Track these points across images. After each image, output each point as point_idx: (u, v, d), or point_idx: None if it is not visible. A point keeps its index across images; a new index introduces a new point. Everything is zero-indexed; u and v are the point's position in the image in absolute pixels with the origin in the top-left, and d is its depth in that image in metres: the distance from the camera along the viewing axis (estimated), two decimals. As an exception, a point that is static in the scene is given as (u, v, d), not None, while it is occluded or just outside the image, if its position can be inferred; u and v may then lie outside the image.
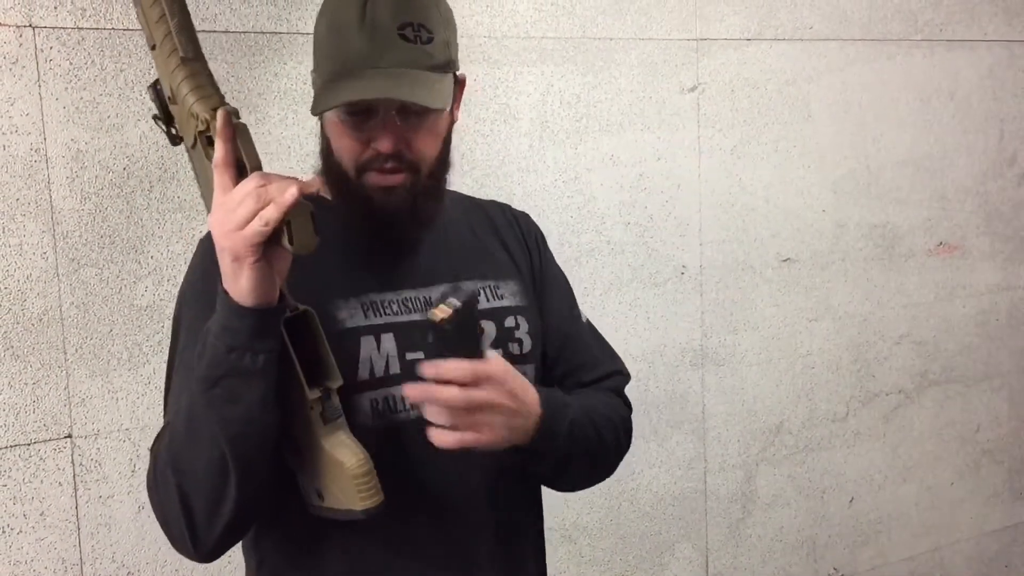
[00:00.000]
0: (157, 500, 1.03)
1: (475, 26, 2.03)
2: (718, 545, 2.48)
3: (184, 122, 0.99)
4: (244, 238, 0.92)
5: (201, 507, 1.00)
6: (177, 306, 1.16)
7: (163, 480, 1.01)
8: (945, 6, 2.68)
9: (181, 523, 1.00)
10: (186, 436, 0.99)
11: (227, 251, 0.94)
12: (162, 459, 1.01)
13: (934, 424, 2.80)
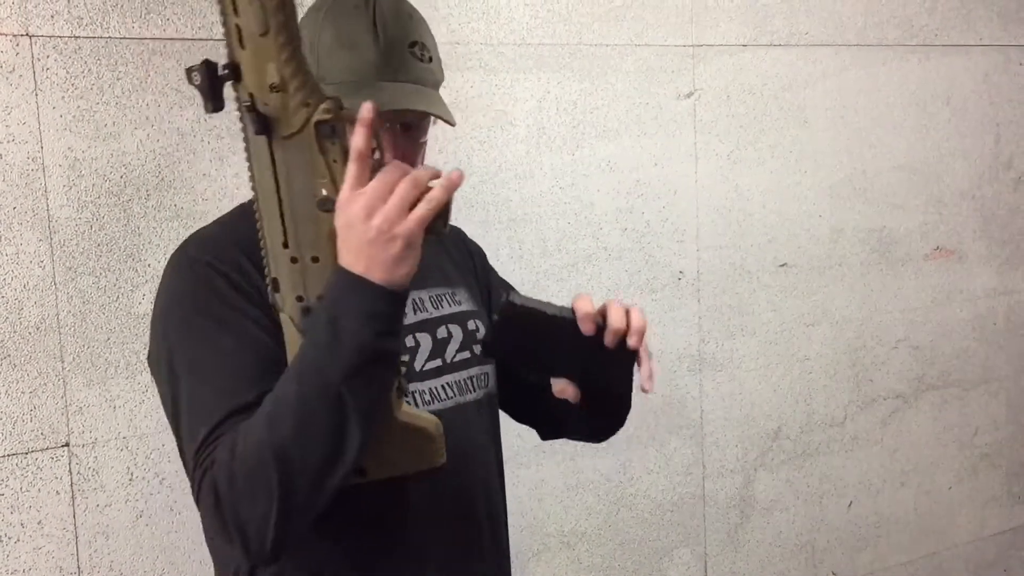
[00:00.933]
0: (232, 502, 0.97)
1: (471, 33, 2.04)
2: (717, 550, 2.47)
3: (289, 110, 0.96)
4: (417, 221, 0.93)
5: (302, 501, 0.97)
6: (162, 329, 1.09)
7: (252, 480, 0.95)
8: (940, 11, 2.69)
9: (268, 521, 0.96)
10: (298, 429, 0.95)
11: (400, 237, 0.93)
12: (253, 459, 0.95)
13: (932, 428, 2.80)
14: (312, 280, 0.99)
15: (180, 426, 1.06)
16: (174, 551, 1.80)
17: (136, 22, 1.71)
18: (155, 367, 1.11)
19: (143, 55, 1.72)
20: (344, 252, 0.96)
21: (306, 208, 0.98)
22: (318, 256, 0.99)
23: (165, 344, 1.08)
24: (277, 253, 1.00)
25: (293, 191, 0.97)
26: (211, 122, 1.78)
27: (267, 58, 0.97)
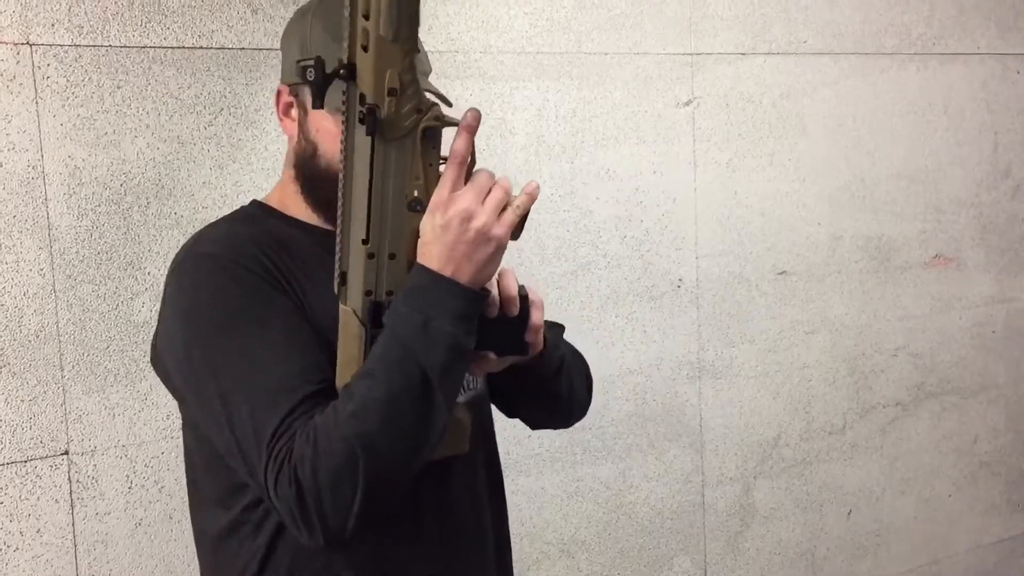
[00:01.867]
0: (317, 494, 0.98)
1: (471, 41, 2.04)
2: (716, 559, 2.47)
3: (401, 115, 1.01)
4: (508, 225, 1.01)
5: (384, 489, 1.00)
6: (194, 329, 1.07)
7: (339, 474, 0.97)
8: (938, 20, 2.70)
9: (351, 510, 0.98)
10: (387, 423, 0.98)
11: (494, 240, 1.00)
12: (339, 454, 0.97)
13: (931, 436, 2.80)
14: (386, 276, 1.04)
15: (234, 420, 1.03)
16: (173, 559, 1.80)
17: (136, 31, 1.72)
18: (184, 368, 1.08)
19: (143, 64, 1.72)
20: (433, 252, 1.01)
21: (395, 207, 1.03)
22: (395, 253, 1.03)
23: (200, 343, 1.06)
24: (355, 248, 1.03)
25: (386, 190, 1.02)
26: (211, 130, 1.79)
27: (390, 63, 0.99)
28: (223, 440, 1.05)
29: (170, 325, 1.11)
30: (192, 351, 1.07)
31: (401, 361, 0.99)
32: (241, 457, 1.03)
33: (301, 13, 1.18)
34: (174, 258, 1.15)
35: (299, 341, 1.06)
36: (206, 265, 1.10)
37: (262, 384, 1.03)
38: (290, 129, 1.18)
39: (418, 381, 0.99)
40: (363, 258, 1.04)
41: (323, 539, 0.99)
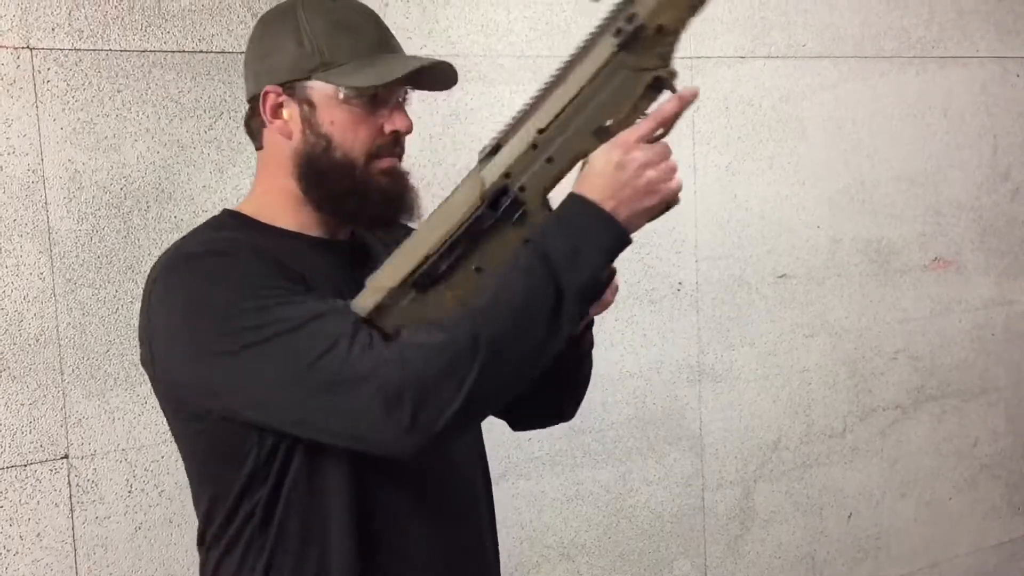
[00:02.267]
0: (421, 375, 1.00)
1: (470, 45, 2.04)
2: (717, 562, 2.47)
3: (651, 52, 1.08)
4: (676, 188, 1.10)
5: (488, 395, 1.03)
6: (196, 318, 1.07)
7: (454, 360, 1.01)
8: (937, 23, 2.70)
9: (450, 406, 1.00)
10: (517, 326, 1.03)
11: (659, 194, 1.09)
12: (461, 341, 1.01)
13: (931, 439, 2.80)
14: (532, 170, 1.09)
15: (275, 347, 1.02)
16: (173, 563, 1.80)
17: (136, 35, 1.72)
18: (203, 354, 1.06)
19: (143, 67, 1.73)
20: (597, 184, 1.07)
21: (585, 123, 1.08)
22: (553, 159, 1.09)
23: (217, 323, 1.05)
24: (526, 131, 1.09)
25: (589, 103, 1.08)
26: (211, 134, 1.79)
27: (676, 5, 1.07)
28: (261, 401, 1.04)
29: (171, 323, 1.09)
30: (207, 333, 1.05)
31: (543, 277, 1.03)
32: (287, 399, 1.03)
33: (280, 14, 1.18)
34: (155, 268, 1.13)
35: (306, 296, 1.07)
36: (198, 260, 1.10)
37: (302, 322, 1.03)
38: (284, 129, 1.17)
39: (552, 302, 1.03)
40: (527, 144, 1.08)
41: (407, 428, 0.99)
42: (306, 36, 1.15)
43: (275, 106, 1.17)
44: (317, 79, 1.15)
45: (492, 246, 1.10)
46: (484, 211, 1.09)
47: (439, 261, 1.09)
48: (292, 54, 1.15)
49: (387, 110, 1.17)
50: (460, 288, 1.10)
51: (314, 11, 1.16)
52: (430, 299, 1.10)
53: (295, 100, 1.16)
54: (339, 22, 1.16)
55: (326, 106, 1.15)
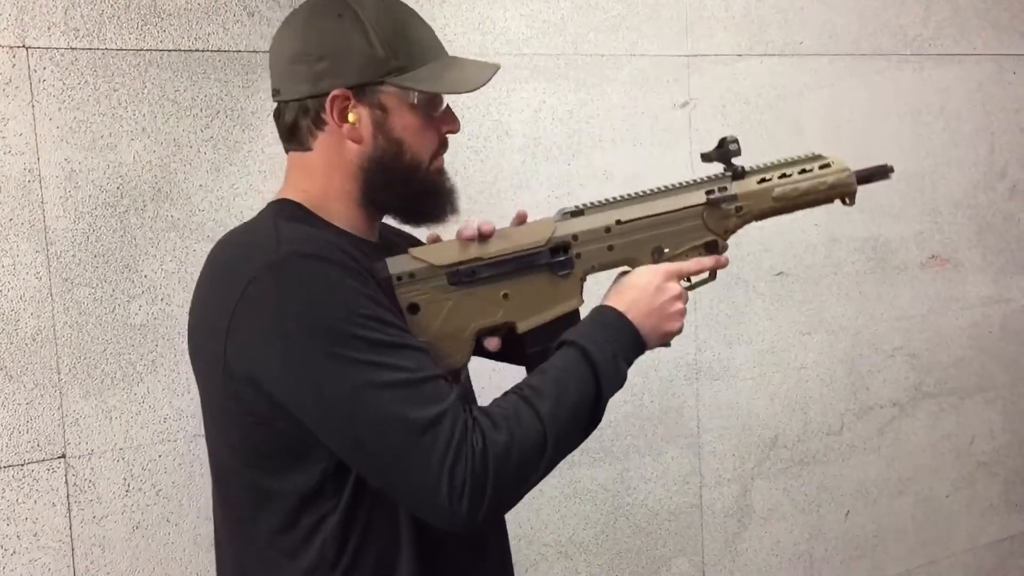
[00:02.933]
0: (500, 473, 1.06)
1: (467, 43, 2.04)
2: (714, 560, 2.47)
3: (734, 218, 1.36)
4: (681, 329, 1.25)
5: (531, 484, 1.11)
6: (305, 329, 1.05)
7: (526, 462, 1.08)
8: (934, 21, 2.70)
9: (522, 489, 1.10)
10: (570, 426, 1.13)
11: (673, 327, 1.24)
12: (531, 441, 1.09)
13: (929, 437, 2.80)
14: (593, 246, 1.27)
15: (377, 411, 1.04)
16: (171, 563, 1.79)
17: (132, 34, 1.72)
18: (296, 367, 1.05)
19: (139, 66, 1.72)
20: (630, 298, 1.22)
21: (651, 239, 1.30)
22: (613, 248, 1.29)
23: (322, 342, 1.04)
24: (609, 216, 1.28)
25: (662, 227, 1.30)
26: (208, 133, 1.78)
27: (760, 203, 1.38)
28: (354, 433, 1.05)
29: (275, 324, 1.05)
30: (314, 348, 1.04)
31: (587, 378, 1.14)
32: (379, 444, 1.04)
33: (332, 11, 1.15)
34: (254, 262, 1.07)
35: (421, 349, 1.11)
36: (310, 263, 1.06)
37: (409, 379, 1.05)
38: (353, 134, 1.16)
39: (592, 398, 1.14)
40: (602, 225, 1.27)
41: (480, 519, 1.05)
42: (376, 37, 1.14)
43: (343, 109, 1.15)
44: (392, 83, 1.15)
45: (527, 283, 1.23)
46: (543, 252, 1.23)
47: (484, 268, 1.20)
48: (363, 56, 1.14)
49: (441, 112, 1.22)
50: (482, 301, 1.21)
51: (374, 10, 1.16)
52: (453, 295, 1.19)
53: (365, 104, 1.15)
54: (402, 22, 1.18)
55: (398, 111, 1.17)
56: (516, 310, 1.23)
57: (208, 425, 1.21)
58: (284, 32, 1.19)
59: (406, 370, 1.05)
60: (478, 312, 1.21)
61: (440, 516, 1.05)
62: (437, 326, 1.19)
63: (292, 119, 1.18)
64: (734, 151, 1.34)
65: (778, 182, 1.37)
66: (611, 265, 1.29)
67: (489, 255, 1.21)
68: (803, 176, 1.39)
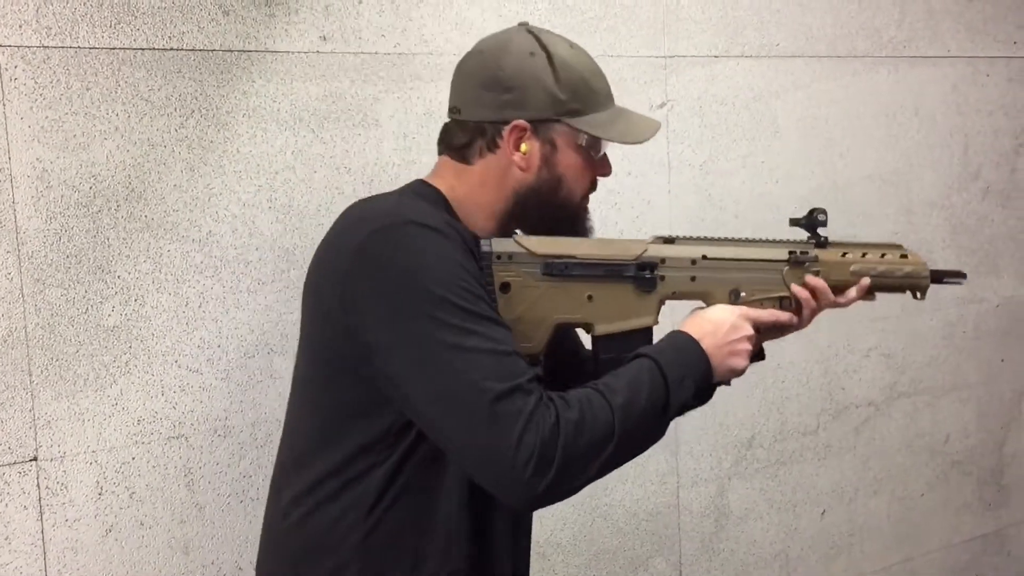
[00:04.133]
0: (569, 446, 1.12)
1: (444, 43, 2.04)
2: (691, 560, 2.48)
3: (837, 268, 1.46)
4: (745, 369, 1.33)
5: (594, 476, 1.17)
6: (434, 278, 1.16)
7: (593, 444, 1.15)
8: (909, 23, 2.72)
9: (583, 471, 1.15)
10: (637, 428, 1.19)
11: (740, 362, 1.32)
12: (601, 429, 1.15)
13: (904, 436, 2.82)
14: (677, 274, 1.37)
15: (465, 370, 1.12)
16: (144, 566, 1.78)
17: (106, 32, 1.70)
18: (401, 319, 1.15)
19: (113, 65, 1.71)
20: (706, 331, 1.30)
21: (731, 280, 1.40)
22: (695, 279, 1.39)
23: (435, 298, 1.14)
24: (698, 250, 1.38)
25: (743, 271, 1.40)
26: (182, 133, 1.77)
27: (839, 274, 1.47)
28: (434, 390, 1.13)
29: (384, 278, 1.16)
30: (413, 306, 1.14)
31: (658, 388, 1.21)
32: (454, 404, 1.12)
33: (527, 47, 1.29)
34: (377, 221, 1.19)
35: (507, 327, 1.20)
36: (431, 235, 1.18)
37: (493, 350, 1.14)
38: (523, 162, 1.28)
39: (661, 409, 1.22)
40: (690, 257, 1.37)
41: (541, 491, 1.11)
42: (562, 80, 1.27)
43: (518, 138, 1.27)
44: (567, 123, 1.27)
45: (611, 290, 1.32)
46: (631, 266, 1.33)
47: (576, 266, 1.29)
48: (549, 94, 1.26)
49: (600, 157, 1.33)
50: (568, 297, 1.30)
51: (565, 56, 1.29)
52: (543, 284, 1.28)
53: (538, 137, 1.27)
54: (584, 69, 1.30)
55: (566, 148, 1.29)
56: (596, 313, 1.31)
57: (299, 363, 1.33)
58: (477, 58, 1.32)
59: (492, 340, 1.14)
60: (562, 306, 1.30)
61: (504, 481, 1.11)
62: (523, 309, 1.27)
63: (468, 138, 1.30)
64: (821, 221, 1.46)
65: (859, 259, 1.47)
66: (690, 295, 1.39)
67: (583, 255, 1.30)
68: (882, 260, 1.48)
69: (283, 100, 1.85)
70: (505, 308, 1.25)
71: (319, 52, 1.89)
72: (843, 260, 1.46)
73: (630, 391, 1.19)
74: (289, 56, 1.86)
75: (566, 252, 1.30)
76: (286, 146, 1.85)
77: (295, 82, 1.86)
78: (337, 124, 1.91)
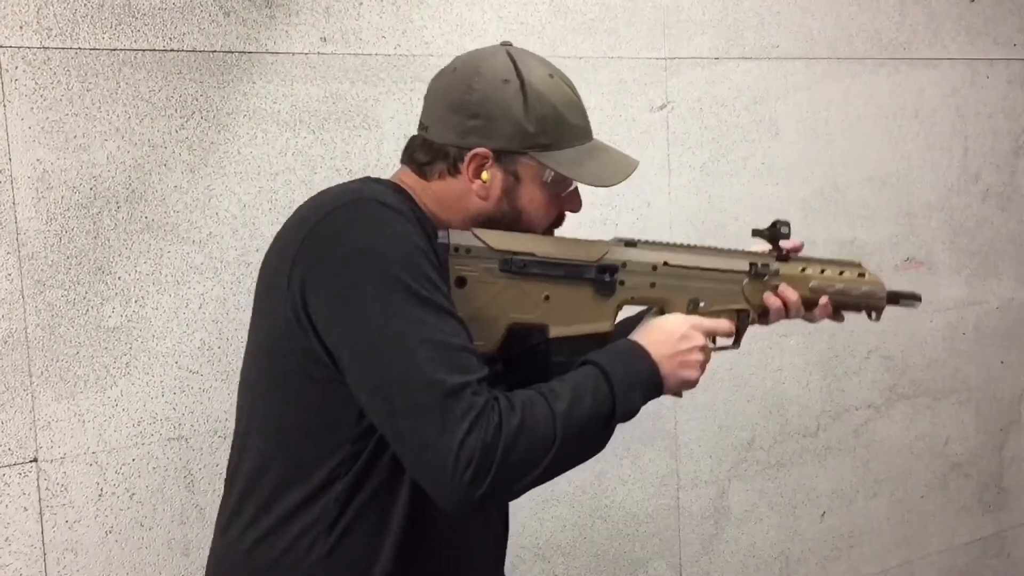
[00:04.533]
0: (507, 451, 1.08)
1: (444, 45, 2.04)
2: (691, 562, 2.48)
3: (795, 282, 1.43)
4: (697, 380, 1.28)
5: (535, 481, 1.13)
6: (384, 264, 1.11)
7: (532, 449, 1.11)
8: (909, 25, 2.72)
9: (519, 477, 1.11)
10: (581, 434, 1.16)
11: (692, 375, 1.27)
12: (542, 432, 1.11)
13: (903, 438, 2.82)
14: (638, 279, 1.33)
15: (411, 361, 1.08)
16: (144, 567, 1.78)
17: (106, 33, 1.70)
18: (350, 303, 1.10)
19: (113, 66, 1.71)
20: (657, 339, 1.25)
21: (690, 290, 1.36)
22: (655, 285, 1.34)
23: (389, 279, 1.09)
24: (661, 255, 1.35)
25: (704, 280, 1.37)
26: (182, 134, 1.77)
27: (797, 288, 1.44)
28: (382, 375, 1.08)
29: (337, 257, 1.11)
30: (367, 285, 1.09)
31: (603, 397, 1.17)
32: (402, 393, 1.07)
33: (503, 74, 1.23)
34: (333, 203, 1.16)
35: (462, 322, 1.15)
36: (392, 215, 1.13)
37: (446, 342, 1.09)
38: (482, 191, 1.24)
39: (605, 418, 1.18)
40: (651, 263, 1.33)
41: (476, 497, 1.07)
42: (533, 112, 1.22)
43: (479, 166, 1.22)
44: (534, 157, 1.23)
45: (569, 292, 1.28)
46: (591, 268, 1.29)
47: (535, 264, 1.25)
48: (516, 126, 1.21)
49: (568, 192, 1.30)
50: (524, 296, 1.25)
51: (540, 87, 1.23)
52: (500, 281, 1.24)
53: (501, 168, 1.23)
54: (560, 103, 1.25)
55: (530, 183, 1.25)
56: (552, 314, 1.27)
57: (248, 369, 1.26)
58: (449, 77, 1.27)
59: (445, 333, 1.09)
60: (518, 305, 1.25)
61: (441, 482, 1.07)
62: (477, 306, 1.22)
63: (430, 157, 1.25)
64: (784, 234, 1.43)
65: (817, 275, 1.45)
66: (649, 302, 1.35)
67: (543, 253, 1.26)
68: (840, 277, 1.47)
69: (283, 101, 1.85)
70: (460, 304, 1.19)
71: (320, 53, 1.89)
72: (802, 275, 1.45)
73: (573, 396, 1.15)
74: (289, 57, 1.86)
75: (525, 249, 1.26)
76: (287, 147, 1.85)
77: (295, 83, 1.87)
78: (338, 125, 1.91)
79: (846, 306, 1.50)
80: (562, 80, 1.28)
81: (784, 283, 1.42)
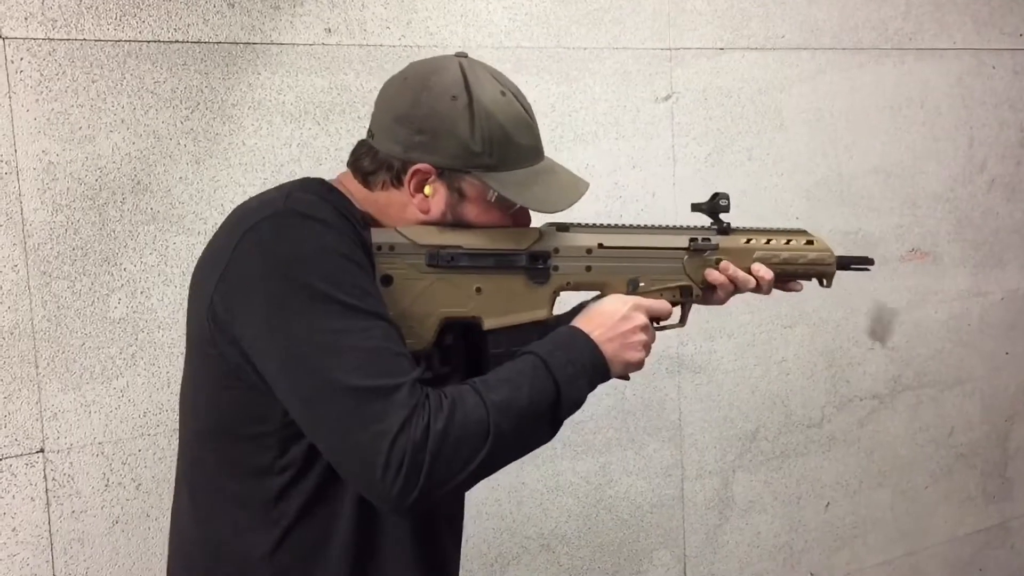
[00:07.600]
0: (436, 451, 1.06)
1: (449, 36, 2.03)
2: (696, 552, 2.48)
3: (739, 255, 1.41)
4: (642, 361, 1.25)
5: (471, 478, 1.10)
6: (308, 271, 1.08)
7: (463, 445, 1.08)
8: (914, 15, 2.71)
9: (453, 475, 1.08)
10: (518, 429, 1.13)
11: (636, 357, 1.24)
12: (473, 428, 1.09)
13: (908, 429, 2.82)
14: (572, 263, 1.30)
15: (337, 370, 1.06)
16: (151, 557, 1.79)
17: (111, 24, 1.70)
18: (273, 317, 1.08)
19: (118, 57, 1.71)
20: (597, 323, 1.22)
21: (629, 270, 1.34)
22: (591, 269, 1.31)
23: (303, 295, 1.07)
24: (594, 238, 1.32)
25: (642, 260, 1.35)
26: (188, 125, 1.77)
27: (739, 262, 1.41)
28: (308, 387, 1.07)
29: (260, 273, 1.09)
30: (290, 300, 1.07)
31: (545, 388, 1.15)
32: (329, 403, 1.05)
33: (452, 91, 1.19)
34: (256, 216, 1.12)
35: (393, 325, 1.12)
36: (313, 225, 1.11)
37: (374, 347, 1.07)
38: (423, 205, 1.21)
39: (548, 407, 1.15)
40: (585, 246, 1.30)
41: (413, 498, 1.05)
42: (479, 131, 1.19)
43: (421, 181, 1.20)
44: (478, 176, 1.20)
45: (501, 282, 1.24)
46: (522, 256, 1.26)
47: (463, 256, 1.22)
48: (461, 144, 1.19)
49: (516, 209, 1.26)
50: (455, 290, 1.22)
51: (489, 105, 1.20)
52: (428, 276, 1.21)
53: (444, 184, 1.21)
54: (509, 123, 1.21)
55: (475, 201, 1.22)
56: (486, 306, 1.24)
57: (186, 381, 1.25)
58: (399, 86, 1.24)
59: (373, 339, 1.07)
60: (449, 299, 1.22)
61: (375, 487, 1.05)
62: (406, 304, 1.20)
63: (374, 167, 1.23)
64: (724, 207, 1.42)
65: (762, 246, 1.42)
66: (586, 286, 1.31)
67: (471, 245, 1.23)
68: (787, 247, 1.44)
69: (288, 92, 1.85)
70: (388, 302, 1.16)
71: (324, 44, 1.89)
72: (746, 247, 1.42)
73: (510, 389, 1.12)
74: (294, 48, 1.86)
75: (452, 242, 1.22)
76: (291, 138, 1.86)
77: (300, 74, 1.86)
78: (342, 116, 1.91)
79: (795, 275, 1.46)
80: (515, 98, 1.25)
81: (727, 257, 1.39)
